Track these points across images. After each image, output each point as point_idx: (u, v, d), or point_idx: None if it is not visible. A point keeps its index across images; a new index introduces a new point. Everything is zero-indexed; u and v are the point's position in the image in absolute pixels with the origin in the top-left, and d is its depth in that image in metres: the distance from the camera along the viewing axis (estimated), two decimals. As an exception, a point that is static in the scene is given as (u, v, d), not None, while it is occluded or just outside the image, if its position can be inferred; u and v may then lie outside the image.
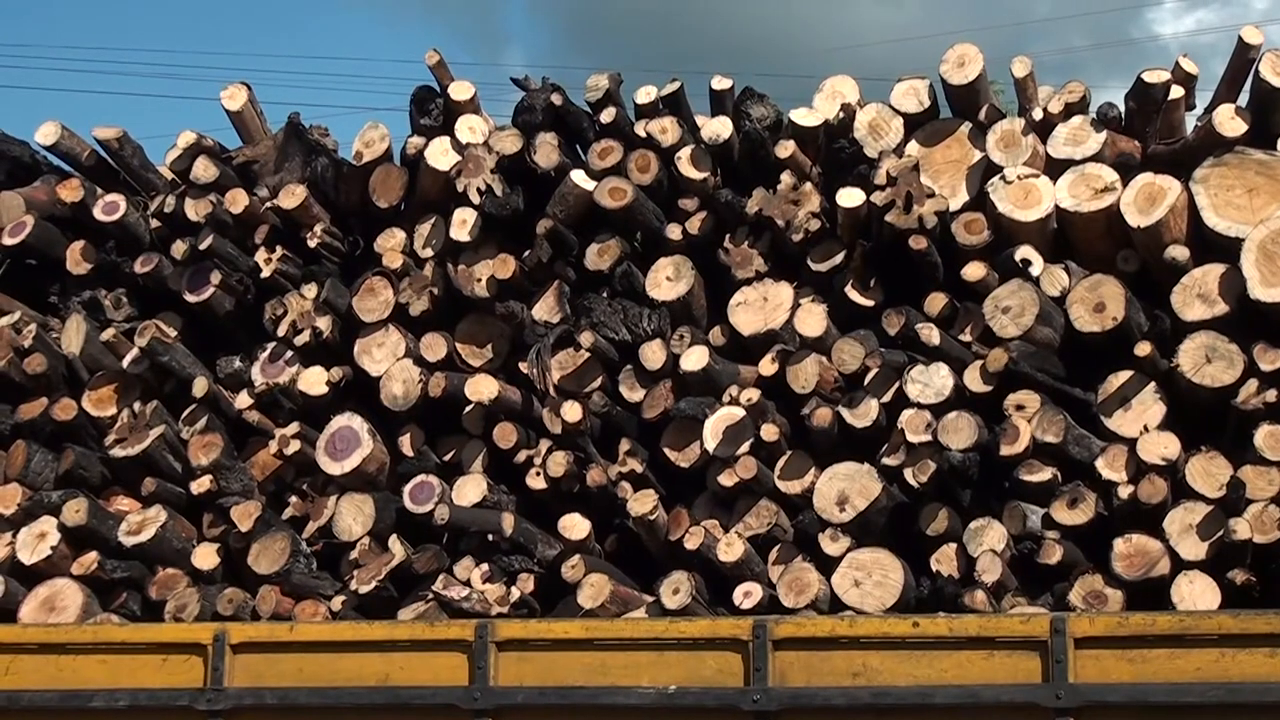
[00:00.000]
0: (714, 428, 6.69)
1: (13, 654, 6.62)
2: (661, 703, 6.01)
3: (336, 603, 6.90)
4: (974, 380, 6.47)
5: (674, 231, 7.02)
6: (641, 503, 6.69)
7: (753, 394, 6.66)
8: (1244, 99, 6.71)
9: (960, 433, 6.39)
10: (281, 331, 7.34)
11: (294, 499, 7.18)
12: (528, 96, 7.26)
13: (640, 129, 7.08)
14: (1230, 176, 6.43)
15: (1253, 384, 6.23)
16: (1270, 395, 6.20)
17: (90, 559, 7.08)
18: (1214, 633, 5.65)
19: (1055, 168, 6.63)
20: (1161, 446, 6.29)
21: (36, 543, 7.10)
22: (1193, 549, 6.20)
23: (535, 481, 6.92)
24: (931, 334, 6.49)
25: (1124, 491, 6.28)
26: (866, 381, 6.57)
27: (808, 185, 6.84)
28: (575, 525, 6.77)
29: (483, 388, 6.96)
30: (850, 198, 6.68)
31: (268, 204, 7.49)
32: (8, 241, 7.61)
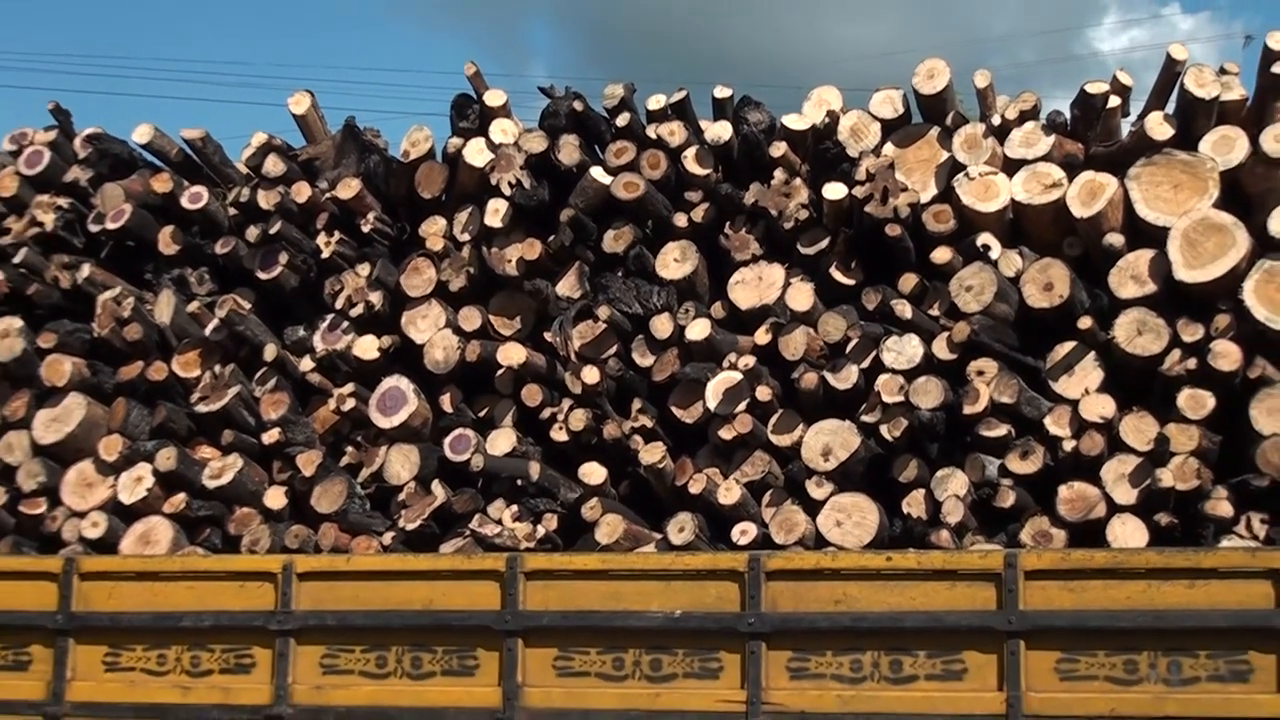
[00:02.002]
0: (715, 389, 6.71)
1: (114, 581, 6.68)
2: (668, 625, 6.03)
3: (387, 538, 6.93)
4: (941, 349, 6.49)
5: (680, 220, 7.02)
6: (651, 453, 6.71)
7: (749, 360, 6.68)
8: (1171, 107, 6.70)
9: (929, 394, 6.42)
10: (339, 305, 7.37)
11: (350, 449, 7.20)
12: (552, 103, 7.24)
13: (651, 131, 7.08)
14: (1159, 174, 6.43)
15: (1176, 353, 6.27)
16: (1191, 363, 6.24)
17: (179, 499, 7.14)
18: (1142, 567, 5.69)
19: (1011, 166, 6.66)
20: (1100, 407, 6.33)
21: (134, 485, 7.17)
22: (1125, 495, 6.25)
23: (558, 434, 6.93)
24: (904, 309, 6.52)
25: (1068, 445, 6.33)
26: (848, 350, 6.58)
27: (797, 180, 6.85)
28: (593, 472, 6.80)
29: (513, 354, 6.98)
30: (834, 191, 6.69)
31: (327, 195, 7.50)
32: (110, 226, 7.63)
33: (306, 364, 7.35)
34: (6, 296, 7.70)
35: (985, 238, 6.57)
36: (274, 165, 7.50)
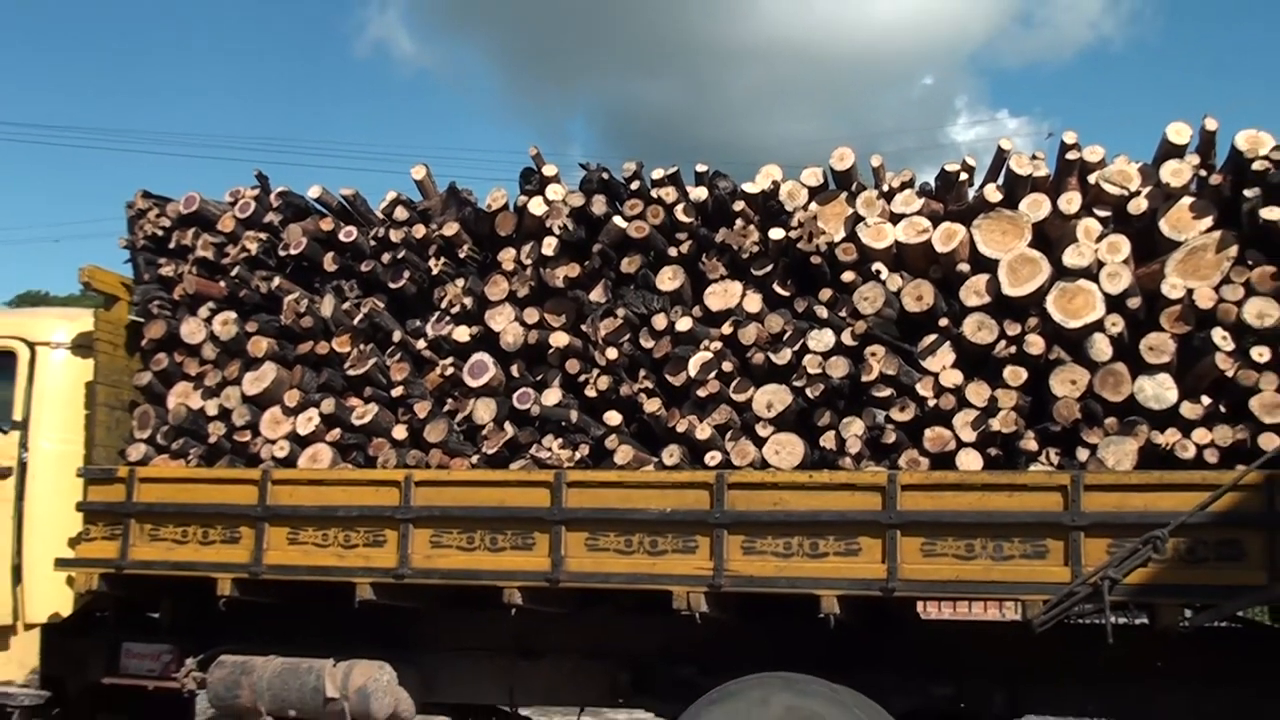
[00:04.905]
0: (695, 363, 6.72)
1: (294, 485, 6.78)
2: (663, 519, 6.18)
3: (474, 459, 6.96)
4: (847, 338, 6.50)
5: (672, 251, 7.00)
6: (651, 405, 6.74)
7: (718, 344, 6.70)
8: (1001, 180, 6.67)
9: (838, 368, 6.44)
10: (443, 305, 7.35)
11: (450, 400, 7.20)
12: (588, 174, 7.20)
13: (654, 193, 7.04)
14: (993, 225, 6.45)
15: (1003, 343, 6.31)
16: (1013, 349, 6.27)
17: (336, 433, 7.19)
18: (979, 483, 5.87)
19: (895, 218, 6.66)
20: (952, 378, 6.36)
21: (307, 423, 7.21)
22: (968, 435, 6.27)
23: (590, 392, 6.92)
24: (823, 312, 6.56)
25: (931, 403, 6.36)
26: (784, 338, 6.60)
27: (751, 226, 6.85)
28: (613, 417, 6.81)
29: (560, 339, 7.00)
30: (776, 234, 6.70)
31: (436, 233, 7.46)
32: (293, 252, 7.64)
33: (421, 344, 7.34)
34: (226, 298, 7.75)
35: (877, 265, 6.60)
36: (401, 213, 7.51)
